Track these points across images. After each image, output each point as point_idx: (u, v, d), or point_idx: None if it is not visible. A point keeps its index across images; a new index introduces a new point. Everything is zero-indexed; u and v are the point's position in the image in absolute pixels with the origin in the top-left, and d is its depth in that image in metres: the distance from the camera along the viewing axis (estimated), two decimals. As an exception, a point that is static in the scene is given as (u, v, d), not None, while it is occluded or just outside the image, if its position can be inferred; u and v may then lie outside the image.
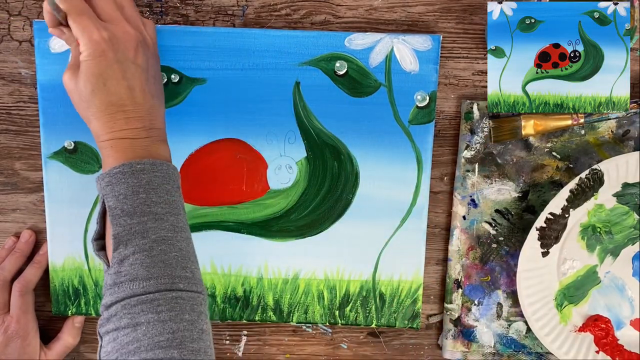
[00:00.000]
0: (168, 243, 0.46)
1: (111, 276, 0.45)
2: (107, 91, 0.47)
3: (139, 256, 0.45)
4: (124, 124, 0.48)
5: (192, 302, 0.45)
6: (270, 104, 0.58)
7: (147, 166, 0.47)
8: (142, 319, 0.43)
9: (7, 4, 0.58)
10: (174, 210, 0.47)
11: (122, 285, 0.45)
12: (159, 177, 0.47)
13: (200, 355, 0.44)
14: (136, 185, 0.46)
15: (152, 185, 0.47)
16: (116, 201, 0.46)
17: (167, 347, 0.43)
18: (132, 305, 0.44)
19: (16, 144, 0.60)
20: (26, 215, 0.62)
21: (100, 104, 0.47)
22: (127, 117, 0.48)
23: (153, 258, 0.45)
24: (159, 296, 0.44)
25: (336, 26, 0.59)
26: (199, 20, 0.59)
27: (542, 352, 0.62)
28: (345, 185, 0.59)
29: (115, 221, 0.46)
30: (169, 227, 0.46)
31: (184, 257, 0.47)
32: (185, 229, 0.48)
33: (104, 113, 0.47)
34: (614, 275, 0.61)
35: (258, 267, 0.60)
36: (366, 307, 0.61)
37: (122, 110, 0.47)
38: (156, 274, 0.45)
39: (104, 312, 0.46)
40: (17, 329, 0.58)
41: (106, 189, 0.46)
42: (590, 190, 0.58)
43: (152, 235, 0.45)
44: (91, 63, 0.47)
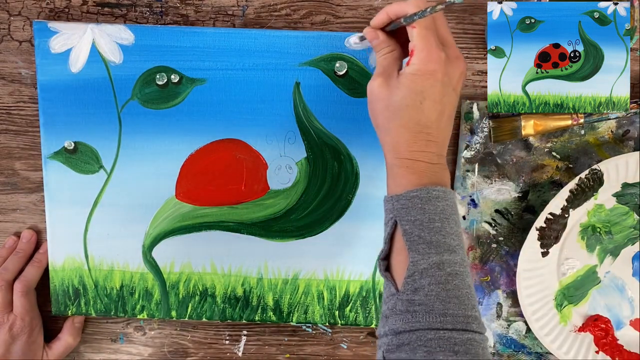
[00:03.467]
0: (460, 278, 0.44)
1: (402, 302, 0.44)
2: (421, 110, 0.46)
3: (434, 287, 0.43)
4: (424, 146, 0.46)
5: (483, 346, 0.44)
6: (270, 104, 0.58)
7: (441, 193, 0.45)
8: (440, 357, 0.42)
9: (7, 4, 0.58)
10: (462, 243, 0.46)
11: (417, 314, 0.43)
12: (450, 206, 0.46)
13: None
14: (432, 212, 0.45)
15: (445, 214, 0.45)
16: (412, 226, 0.45)
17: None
18: (428, 339, 0.42)
19: (16, 144, 0.60)
20: (26, 215, 0.62)
21: (408, 121, 0.46)
22: (428, 140, 0.46)
23: (448, 292, 0.43)
24: (455, 335, 0.42)
25: (336, 26, 0.59)
26: (199, 20, 0.59)
27: (542, 352, 0.62)
28: (345, 185, 0.59)
29: (413, 247, 0.44)
30: (460, 261, 0.45)
31: (472, 295, 0.45)
32: (469, 263, 0.47)
33: (407, 130, 0.46)
34: (613, 275, 0.61)
35: (258, 267, 0.60)
36: (366, 307, 0.61)
37: (426, 132, 0.46)
38: (452, 311, 0.43)
39: (392, 337, 0.44)
40: (22, 327, 0.58)
41: (401, 211, 0.45)
42: (590, 190, 0.58)
43: (447, 268, 0.44)
44: (418, 78, 0.45)
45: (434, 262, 0.44)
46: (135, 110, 0.57)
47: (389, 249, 0.47)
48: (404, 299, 0.44)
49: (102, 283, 0.60)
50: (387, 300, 0.46)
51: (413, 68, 0.45)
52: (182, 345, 0.64)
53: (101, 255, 0.60)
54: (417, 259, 0.44)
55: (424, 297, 0.43)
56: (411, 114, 0.46)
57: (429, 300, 0.43)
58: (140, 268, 0.60)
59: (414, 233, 0.44)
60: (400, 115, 0.46)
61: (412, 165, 0.46)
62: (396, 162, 0.47)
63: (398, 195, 0.46)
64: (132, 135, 0.58)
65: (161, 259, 0.60)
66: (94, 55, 0.56)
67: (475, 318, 0.44)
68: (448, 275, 0.44)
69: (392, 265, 0.46)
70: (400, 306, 0.44)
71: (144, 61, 0.57)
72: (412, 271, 0.44)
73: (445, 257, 0.44)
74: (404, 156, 0.46)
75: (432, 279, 0.43)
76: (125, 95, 0.57)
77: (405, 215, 0.45)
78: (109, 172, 0.59)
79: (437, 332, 0.42)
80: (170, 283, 0.60)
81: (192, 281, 0.61)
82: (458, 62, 0.47)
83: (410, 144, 0.46)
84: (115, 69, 0.57)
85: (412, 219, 0.45)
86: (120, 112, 0.58)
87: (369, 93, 0.48)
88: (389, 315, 0.44)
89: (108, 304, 0.61)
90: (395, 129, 0.46)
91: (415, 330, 0.43)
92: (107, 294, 0.61)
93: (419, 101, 0.45)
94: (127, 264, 0.60)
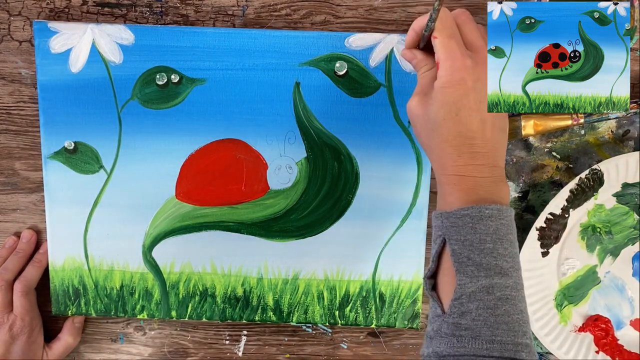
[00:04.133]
0: (511, 303, 0.42)
1: (449, 325, 0.42)
2: (458, 121, 0.44)
3: (482, 312, 0.42)
4: (469, 159, 0.44)
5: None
6: (270, 104, 0.58)
7: (495, 212, 0.43)
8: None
9: (7, 4, 0.58)
10: (517, 265, 0.44)
11: (463, 340, 0.41)
12: (504, 225, 0.44)
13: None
14: (484, 233, 0.43)
15: (499, 235, 0.43)
16: (462, 247, 0.43)
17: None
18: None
19: (16, 144, 0.60)
20: (26, 215, 0.62)
21: (447, 134, 0.44)
22: (473, 152, 0.44)
23: (497, 318, 0.42)
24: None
25: (336, 26, 0.59)
26: (199, 20, 0.59)
27: (542, 352, 0.62)
28: (345, 185, 0.59)
29: (461, 269, 0.43)
30: (513, 285, 0.43)
31: (524, 320, 0.43)
32: (523, 286, 0.45)
33: (449, 144, 0.44)
34: (613, 275, 0.61)
35: (258, 267, 0.60)
36: (366, 308, 0.61)
37: (470, 143, 0.44)
38: (500, 338, 0.41)
39: (435, 359, 0.43)
40: (22, 327, 0.58)
41: (451, 229, 0.44)
42: (590, 190, 0.58)
43: (497, 292, 0.42)
44: (448, 91, 0.44)
45: (483, 286, 0.42)
46: (135, 110, 0.57)
47: (437, 267, 0.45)
48: (449, 322, 0.42)
49: (102, 283, 0.60)
50: (432, 321, 0.44)
51: (441, 80, 0.44)
52: (182, 345, 0.64)
53: (101, 255, 0.60)
54: (465, 282, 0.42)
55: (471, 321, 0.42)
56: (449, 126, 0.44)
57: (476, 326, 0.42)
58: (140, 268, 0.60)
59: (463, 254, 0.43)
60: (439, 130, 0.44)
61: (459, 181, 0.44)
62: (443, 180, 0.45)
63: (448, 212, 0.44)
64: (132, 135, 0.58)
65: (161, 259, 0.60)
66: (94, 55, 0.56)
67: (526, 345, 0.42)
68: (498, 299, 0.42)
69: (438, 285, 0.45)
70: (445, 329, 0.43)
71: (144, 61, 0.57)
72: (459, 294, 0.42)
73: (496, 281, 0.42)
74: (451, 172, 0.45)
75: (481, 303, 0.42)
76: (125, 95, 0.57)
77: (455, 234, 0.43)
78: (109, 172, 0.59)
79: (483, 359, 0.41)
80: (170, 283, 0.60)
81: (192, 281, 0.61)
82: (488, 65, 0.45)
83: (455, 159, 0.44)
84: (115, 69, 0.57)
85: (462, 239, 0.43)
86: (120, 112, 0.58)
87: (408, 113, 0.47)
88: (433, 337, 0.43)
89: (108, 304, 0.61)
90: (438, 145, 0.45)
91: (460, 356, 0.41)
92: (107, 294, 0.61)
93: (455, 113, 0.44)
94: (127, 264, 0.60)
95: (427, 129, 0.46)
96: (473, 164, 0.44)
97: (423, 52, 0.48)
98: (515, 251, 0.44)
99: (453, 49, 0.44)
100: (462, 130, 0.44)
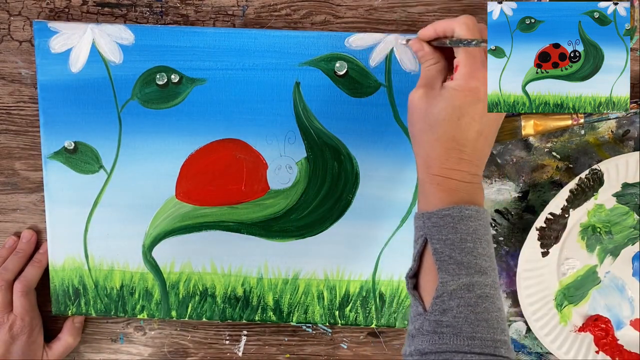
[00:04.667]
0: (490, 301, 0.44)
1: (430, 322, 0.43)
2: (457, 126, 0.45)
3: (463, 310, 0.43)
4: (455, 164, 0.45)
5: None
6: (270, 104, 0.58)
7: (474, 213, 0.45)
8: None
9: (7, 4, 0.58)
10: (494, 265, 0.45)
11: (444, 336, 0.42)
12: (482, 226, 0.45)
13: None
14: (464, 232, 0.44)
15: (478, 235, 0.44)
16: (444, 246, 0.44)
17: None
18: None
19: (16, 144, 0.60)
20: (26, 215, 0.62)
21: (442, 135, 0.45)
22: (460, 158, 0.45)
23: (477, 315, 0.43)
24: (482, 359, 0.42)
25: (336, 26, 0.59)
26: (199, 20, 0.59)
27: (542, 352, 0.62)
28: (345, 185, 0.59)
29: (443, 267, 0.44)
30: (491, 284, 0.44)
31: (502, 318, 0.44)
32: (499, 285, 0.46)
33: (440, 144, 0.45)
34: (613, 275, 0.61)
35: (258, 267, 0.60)
36: (366, 308, 0.61)
37: (460, 149, 0.45)
38: (480, 335, 0.42)
39: (417, 357, 0.43)
40: (22, 327, 0.58)
41: (432, 229, 0.45)
42: (590, 190, 0.58)
43: (477, 290, 0.43)
44: (459, 94, 0.45)
45: (464, 284, 0.43)
46: (135, 110, 0.57)
47: (418, 266, 0.46)
48: (431, 320, 0.43)
49: (102, 283, 0.60)
50: (413, 320, 0.45)
51: (455, 83, 0.45)
52: (182, 345, 0.64)
53: (101, 255, 0.60)
54: (447, 280, 0.43)
55: (452, 318, 0.43)
56: (446, 128, 0.45)
57: (457, 323, 0.42)
58: (140, 268, 0.60)
59: (445, 253, 0.44)
60: (436, 128, 0.45)
61: (443, 182, 0.45)
62: (427, 179, 0.46)
63: (430, 212, 0.45)
64: (132, 135, 0.58)
65: (161, 259, 0.60)
66: (94, 55, 0.56)
67: (504, 342, 0.43)
68: (478, 297, 0.43)
69: (420, 284, 0.46)
70: (427, 326, 0.43)
71: (144, 61, 0.57)
72: (441, 292, 0.43)
73: (476, 279, 0.43)
74: (436, 172, 0.45)
75: (462, 300, 0.43)
76: (125, 95, 0.57)
77: (437, 233, 0.44)
78: (109, 172, 0.59)
79: (465, 356, 0.42)
80: (170, 283, 0.60)
81: (192, 281, 0.61)
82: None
83: (442, 160, 0.45)
84: (115, 69, 0.57)
85: (444, 238, 0.44)
86: (120, 112, 0.58)
87: (409, 103, 0.47)
88: (415, 335, 0.44)
89: (108, 304, 0.61)
90: (429, 142, 0.46)
91: (442, 352, 0.42)
92: (107, 294, 0.61)
93: (457, 117, 0.45)
94: (127, 264, 0.60)
95: (424, 123, 0.46)
96: (458, 169, 0.45)
97: (431, 46, 0.48)
98: (491, 251, 0.45)
99: (476, 58, 0.45)
100: (457, 136, 0.45)
